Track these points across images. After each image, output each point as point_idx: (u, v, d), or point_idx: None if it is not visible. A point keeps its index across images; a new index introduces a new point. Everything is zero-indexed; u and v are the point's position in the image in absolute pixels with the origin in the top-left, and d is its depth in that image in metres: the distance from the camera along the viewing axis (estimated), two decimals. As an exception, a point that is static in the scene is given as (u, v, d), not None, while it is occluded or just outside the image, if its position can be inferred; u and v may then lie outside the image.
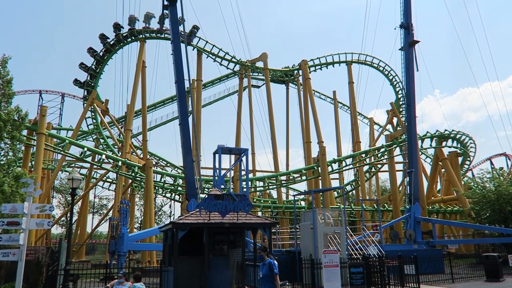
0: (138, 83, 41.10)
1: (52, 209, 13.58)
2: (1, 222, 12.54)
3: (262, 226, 15.17)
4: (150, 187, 32.98)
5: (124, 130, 41.18)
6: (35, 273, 15.65)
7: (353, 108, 50.58)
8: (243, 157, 23.03)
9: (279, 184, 41.34)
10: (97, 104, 41.01)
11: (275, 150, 44.66)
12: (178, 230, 13.97)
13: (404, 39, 34.01)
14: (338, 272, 15.12)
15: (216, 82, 54.68)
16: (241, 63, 49.01)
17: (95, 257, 48.66)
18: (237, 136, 49.25)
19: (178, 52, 25.62)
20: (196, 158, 26.00)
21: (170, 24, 26.54)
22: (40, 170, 28.63)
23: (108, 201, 65.81)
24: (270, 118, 45.30)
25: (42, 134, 28.51)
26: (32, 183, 13.03)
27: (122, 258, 21.13)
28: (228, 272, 15.57)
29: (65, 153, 32.20)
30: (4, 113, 16.01)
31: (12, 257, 12.11)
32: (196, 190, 23.29)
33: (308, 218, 20.77)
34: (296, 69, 52.15)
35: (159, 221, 63.99)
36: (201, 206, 14.52)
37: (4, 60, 16.59)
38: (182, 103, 25.10)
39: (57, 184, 57.90)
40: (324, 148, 39.71)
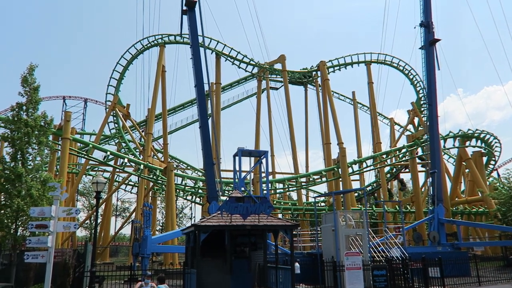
0: (158, 88, 41.89)
1: (78, 212, 13.95)
2: (30, 225, 12.93)
3: (284, 228, 15.17)
4: (172, 190, 33.39)
5: (145, 133, 41.91)
6: (62, 275, 16.05)
7: (373, 108, 50.03)
8: (263, 159, 23.04)
9: (299, 186, 41.20)
10: (119, 109, 41.86)
11: (294, 152, 44.56)
12: (200, 232, 14.10)
13: (424, 38, 33.49)
14: (361, 275, 15.02)
15: (234, 85, 55.02)
16: (259, 65, 49.17)
17: (118, 259, 49.48)
18: (256, 138, 49.36)
19: (197, 56, 25.91)
20: (217, 160, 26.17)
21: (189, 29, 26.87)
22: (65, 174, 29.38)
23: (130, 204, 66.93)
24: (289, 119, 45.24)
25: (66, 139, 29.27)
26: (59, 187, 13.39)
27: (145, 260, 21.44)
28: (250, 274, 15.62)
29: (88, 157, 32.94)
30: (32, 119, 16.54)
31: (41, 259, 12.45)
32: (216, 192, 23.46)
33: (329, 220, 20.64)
34: (314, 70, 51.92)
35: (180, 223, 64.67)
36: (223, 208, 14.65)
37: (31, 68, 17.14)
38: (202, 107, 25.36)
39: (81, 187, 59.21)
40: (344, 150, 39.39)
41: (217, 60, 45.97)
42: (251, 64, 48.53)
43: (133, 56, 43.70)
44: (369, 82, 49.95)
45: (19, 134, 16.24)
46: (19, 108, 16.85)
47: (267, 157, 22.59)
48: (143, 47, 43.80)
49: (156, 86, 41.59)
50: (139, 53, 43.82)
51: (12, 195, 15.42)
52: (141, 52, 43.82)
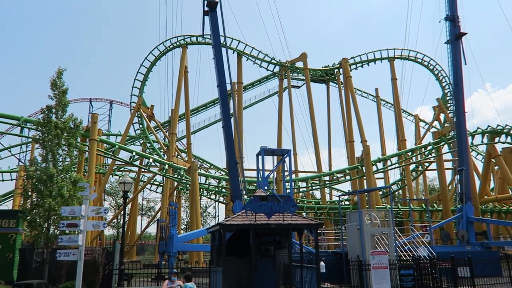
0: (181, 88, 42.51)
1: (106, 211, 14.31)
2: (61, 224, 13.37)
3: (308, 227, 15.14)
4: (196, 189, 33.79)
5: (169, 134, 42.58)
6: (92, 273, 16.49)
7: (397, 105, 49.14)
8: (286, 158, 23.05)
9: (323, 185, 40.93)
10: (143, 110, 42.64)
11: (317, 150, 44.28)
12: (225, 231, 14.24)
13: (449, 32, 32.67)
14: (388, 274, 14.83)
15: (256, 84, 55.18)
16: (281, 64, 49.16)
17: (145, 257, 50.43)
18: (279, 137, 49.32)
19: (219, 56, 26.11)
20: (240, 160, 26.31)
21: (211, 30, 27.09)
22: (93, 175, 30.19)
23: (155, 203, 68.04)
24: (311, 118, 45.02)
25: (94, 140, 30.06)
26: (88, 187, 13.80)
27: (172, 258, 21.79)
28: (275, 273, 15.67)
29: (115, 157, 33.71)
30: (61, 121, 17.09)
31: (72, 257, 12.85)
32: (240, 191, 23.59)
33: (354, 219, 20.45)
34: (336, 68, 51.45)
35: (204, 222, 65.24)
36: (247, 207, 14.74)
37: (59, 72, 17.70)
38: (224, 106, 25.54)
39: (108, 187, 60.61)
40: (368, 147, 38.89)
41: (239, 60, 46.29)
42: (272, 63, 48.60)
43: (156, 58, 44.41)
44: (392, 78, 49.11)
45: (50, 136, 16.79)
46: (49, 111, 17.41)
47: (290, 156, 22.58)
48: (166, 48, 44.45)
49: (179, 87, 42.20)
50: (162, 55, 44.49)
51: (44, 195, 15.97)
52: (164, 53, 44.49)
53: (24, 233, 19.58)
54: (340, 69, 49.71)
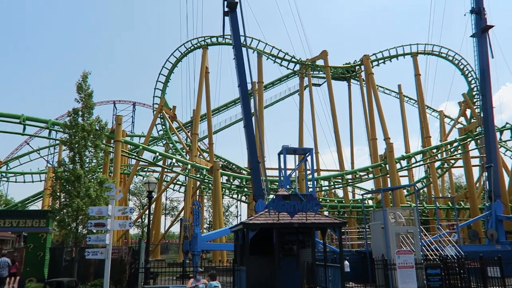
0: (202, 89, 42.92)
1: (132, 211, 14.56)
2: (89, 224, 13.70)
3: (332, 226, 15.05)
4: (218, 188, 34.05)
5: (191, 134, 43.05)
6: (119, 271, 16.84)
7: (421, 101, 48.16)
8: (308, 157, 22.95)
9: (345, 183, 40.55)
10: (166, 111, 43.24)
11: (339, 149, 43.90)
12: (249, 230, 14.30)
13: (475, 25, 31.78)
14: (414, 274, 14.58)
15: (276, 83, 55.13)
16: (301, 62, 48.97)
17: (169, 256, 51.22)
18: (300, 135, 49.13)
19: (239, 56, 26.21)
20: (262, 159, 26.34)
21: (231, 30, 27.20)
22: (118, 175, 30.84)
23: (179, 203, 68.92)
24: (333, 116, 44.64)
25: (119, 142, 30.69)
26: (114, 187, 14.10)
27: (196, 257, 22.02)
28: (299, 272, 15.61)
29: (139, 158, 34.33)
30: (87, 123, 17.53)
31: (100, 255, 13.15)
32: (262, 190, 23.61)
33: (378, 218, 20.18)
34: (357, 65, 50.82)
35: (227, 221, 65.68)
36: (270, 206, 14.75)
37: (84, 75, 18.15)
38: (245, 106, 25.61)
39: (132, 187, 61.78)
40: (392, 145, 38.29)
41: (259, 59, 46.37)
42: (292, 61, 48.45)
43: (178, 59, 44.95)
44: (416, 74, 48.17)
45: (77, 138, 17.24)
46: (75, 114, 17.88)
47: (312, 155, 22.46)
48: (187, 50, 44.95)
49: (200, 88, 42.62)
50: (183, 56, 45.01)
51: (72, 196, 16.41)
52: (185, 55, 45.00)
53: (54, 232, 20.14)
54: (362, 66, 49.07)
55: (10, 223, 18.79)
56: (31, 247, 18.43)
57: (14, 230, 26.52)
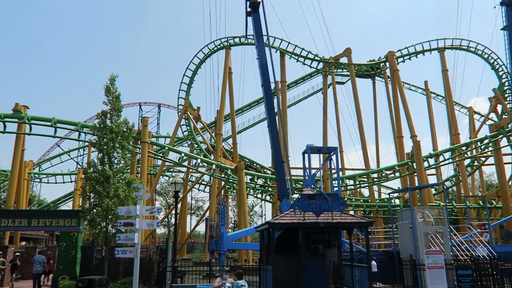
0: (225, 89, 43.26)
1: (160, 211, 14.80)
2: (118, 223, 14.03)
3: (358, 226, 14.89)
4: (243, 188, 34.22)
5: (215, 134, 43.43)
6: (148, 270, 17.19)
7: (449, 98, 46.89)
8: (332, 156, 22.76)
9: (371, 182, 39.98)
10: (190, 112, 43.80)
11: (364, 147, 43.31)
12: (274, 230, 14.33)
13: (506, 17, 30.76)
14: (444, 274, 14.27)
15: (299, 82, 54.92)
16: (324, 60, 48.61)
17: (195, 255, 51.84)
18: (324, 134, 48.76)
19: (262, 56, 26.21)
20: (286, 158, 26.28)
21: (254, 30, 27.25)
22: (145, 175, 31.46)
23: (204, 203, 69.63)
24: (357, 114, 44.11)
25: (145, 143, 31.31)
26: (141, 187, 14.41)
27: (222, 256, 22.20)
28: (325, 272, 15.52)
29: (165, 159, 34.89)
30: (115, 125, 17.94)
31: (129, 254, 13.45)
32: (287, 190, 23.55)
33: (405, 217, 19.82)
34: (382, 62, 50.02)
35: (251, 221, 65.89)
36: (295, 206, 14.74)
37: (112, 78, 18.57)
38: (269, 106, 25.60)
39: (158, 187, 62.85)
40: (419, 143, 37.47)
41: (282, 58, 46.31)
42: (315, 60, 48.18)
43: (201, 61, 45.46)
44: (443, 70, 46.94)
45: (105, 139, 17.69)
46: (104, 116, 18.34)
47: (337, 153, 22.25)
48: (210, 51, 45.40)
49: (224, 88, 42.98)
50: (207, 57, 45.49)
51: (102, 196, 16.84)
52: (209, 56, 45.46)
53: (85, 231, 20.75)
54: (387, 63, 48.30)
55: (43, 222, 19.48)
56: (63, 246, 19.04)
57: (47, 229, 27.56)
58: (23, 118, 31.70)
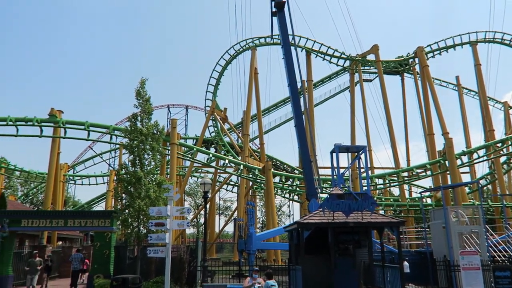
0: (252, 90, 43.45)
1: (189, 211, 15.04)
2: (150, 223, 14.35)
3: (389, 225, 14.63)
4: (271, 188, 34.25)
5: (242, 135, 43.67)
6: (179, 269, 17.50)
7: (482, 93, 45.27)
8: (361, 155, 22.46)
9: (401, 181, 39.12)
10: (217, 113, 44.25)
11: (394, 145, 42.46)
12: (303, 230, 14.27)
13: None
14: (480, 276, 13.80)
15: (326, 81, 54.48)
16: (351, 58, 48.03)
17: (223, 255, 52.22)
18: (352, 132, 48.12)
19: (288, 56, 26.15)
20: (314, 158, 26.11)
21: (280, 30, 27.22)
22: (175, 177, 32.01)
23: (232, 203, 70.09)
24: (386, 111, 43.30)
25: (174, 144, 31.88)
26: (172, 188, 14.68)
27: (252, 256, 22.30)
28: (355, 272, 15.34)
29: (193, 160, 35.37)
30: (146, 128, 18.35)
31: (161, 254, 13.74)
32: (315, 190, 23.41)
33: (438, 217, 19.31)
34: (411, 58, 48.92)
35: (279, 221, 65.81)
36: (324, 205, 14.64)
37: (142, 82, 18.99)
38: (296, 105, 25.50)
39: (187, 188, 63.76)
40: (451, 140, 36.38)
41: (308, 57, 46.10)
42: (342, 58, 47.68)
43: (227, 62, 45.85)
44: (476, 64, 45.36)
45: (136, 142, 18.12)
46: (134, 119, 18.78)
47: (366, 152, 21.96)
48: (236, 52, 45.74)
49: (250, 89, 43.19)
50: (233, 58, 45.85)
51: (133, 197, 17.25)
52: (235, 57, 45.81)
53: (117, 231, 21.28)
54: (416, 59, 47.20)
55: (79, 223, 20.11)
56: (97, 246, 19.59)
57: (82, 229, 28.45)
58: (58, 122, 32.92)
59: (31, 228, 20.55)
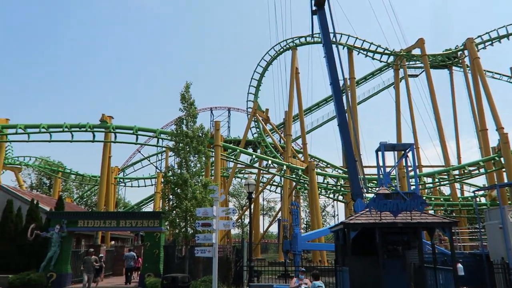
0: (293, 90, 43.31)
1: (235, 212, 15.27)
2: (197, 224, 14.75)
3: (441, 226, 14.04)
4: (314, 188, 33.97)
5: (285, 135, 43.63)
6: (225, 269, 17.80)
7: (540, 84, 42.39)
8: (408, 153, 21.75)
9: (452, 180, 37.43)
10: (259, 114, 44.50)
11: (443, 142, 40.70)
12: (350, 230, 14.05)
13: None
14: (543, 280, 12.93)
15: (369, 78, 53.28)
16: (395, 53, 46.61)
17: (268, 256, 52.43)
18: (398, 130, 46.65)
19: (330, 54, 25.82)
20: (358, 157, 25.61)
21: (320, 28, 26.95)
22: (219, 178, 32.56)
23: (275, 203, 70.17)
24: (434, 107, 41.62)
25: (218, 146, 32.44)
26: (217, 189, 14.98)
27: (297, 257, 22.24)
28: (405, 274, 14.88)
29: (237, 161, 35.81)
30: (191, 131, 18.86)
31: (208, 253, 14.06)
32: (361, 189, 22.94)
33: (494, 217, 18.31)
34: (460, 50, 46.74)
35: (324, 221, 65.05)
36: (371, 205, 14.31)
37: (187, 86, 19.56)
38: (338, 104, 25.12)
39: (231, 189, 64.55)
40: (506, 135, 34.37)
41: (350, 54, 45.33)
42: (385, 53, 46.42)
43: (268, 63, 46.00)
44: (532, 54, 42.56)
45: (182, 144, 18.66)
46: (180, 122, 19.36)
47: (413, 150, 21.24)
48: (276, 52, 45.80)
49: (291, 89, 43.05)
50: (273, 59, 45.94)
51: (181, 198, 17.79)
52: (275, 57, 45.88)
53: (166, 232, 21.98)
54: (465, 51, 45.01)
55: (130, 223, 20.99)
56: (148, 245, 20.32)
57: (133, 229, 29.62)
58: (109, 127, 34.55)
59: (86, 229, 21.73)
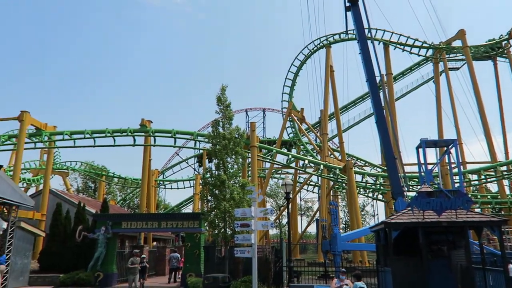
0: (328, 88, 42.82)
1: (273, 212, 15.32)
2: (236, 224, 14.90)
3: (489, 225, 13.44)
4: (353, 187, 33.41)
5: (321, 134, 43.19)
6: (265, 269, 17.83)
7: None
8: (451, 149, 20.99)
9: (500, 176, 35.66)
10: (294, 114, 44.31)
11: (489, 137, 38.83)
12: (391, 230, 13.72)
13: None
14: None
15: (407, 73, 51.76)
16: (434, 46, 45.05)
17: (307, 256, 52.08)
18: (439, 126, 44.95)
19: (365, 50, 25.34)
20: (398, 154, 24.94)
21: (355, 24, 26.51)
22: (256, 178, 32.73)
23: (313, 203, 69.56)
24: (477, 100, 39.80)
25: (254, 147, 32.64)
26: (254, 190, 15.08)
27: (337, 257, 21.98)
28: (451, 275, 14.33)
29: (273, 161, 35.84)
30: (228, 132, 19.07)
31: (247, 254, 14.18)
32: (401, 188, 22.34)
33: (548, 214, 17.26)
34: (504, 40, 44.48)
35: (363, 221, 63.79)
36: (413, 204, 13.94)
37: (223, 89, 19.78)
38: (376, 101, 24.59)
39: (268, 190, 64.67)
40: (558, 128, 32.32)
41: (386, 50, 44.28)
42: (423, 47, 45.01)
43: (302, 62, 45.74)
44: None
45: (219, 146, 18.91)
46: (216, 124, 19.63)
47: (456, 146, 20.49)
48: (310, 51, 45.46)
49: (326, 87, 42.59)
50: (307, 58, 45.63)
51: (219, 199, 18.03)
52: (309, 56, 45.57)
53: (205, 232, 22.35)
54: (510, 41, 42.77)
55: (171, 224, 21.56)
56: (188, 246, 20.77)
57: (173, 230, 30.33)
58: (149, 131, 35.63)
59: (130, 230, 22.51)
